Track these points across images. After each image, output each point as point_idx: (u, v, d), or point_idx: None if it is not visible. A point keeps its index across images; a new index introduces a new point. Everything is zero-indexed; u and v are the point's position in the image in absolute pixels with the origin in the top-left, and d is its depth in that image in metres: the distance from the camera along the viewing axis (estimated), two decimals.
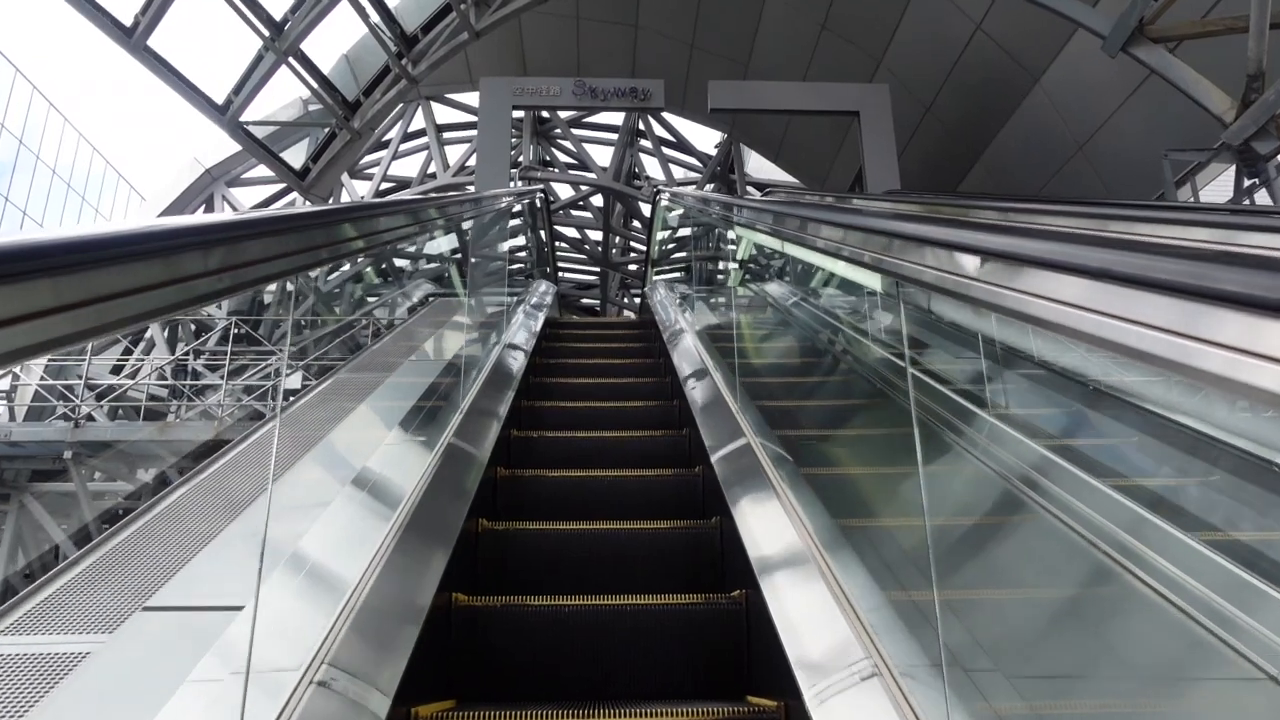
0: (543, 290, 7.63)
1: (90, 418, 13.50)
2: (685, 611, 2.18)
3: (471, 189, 13.61)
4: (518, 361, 4.37)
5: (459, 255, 5.22)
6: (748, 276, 5.18)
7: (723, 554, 2.56)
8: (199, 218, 1.32)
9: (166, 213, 14.91)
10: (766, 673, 1.95)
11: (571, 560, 2.58)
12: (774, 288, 5.01)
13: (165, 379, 13.19)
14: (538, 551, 2.61)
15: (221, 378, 12.10)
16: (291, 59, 12.69)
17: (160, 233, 1.03)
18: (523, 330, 5.24)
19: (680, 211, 9.01)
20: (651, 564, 2.60)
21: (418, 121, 17.54)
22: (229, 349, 12.23)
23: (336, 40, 18.68)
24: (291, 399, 3.38)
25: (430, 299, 5.91)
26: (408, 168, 18.81)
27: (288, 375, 11.84)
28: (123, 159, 41.12)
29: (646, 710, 1.82)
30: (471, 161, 15.30)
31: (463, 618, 2.12)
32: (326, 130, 14.21)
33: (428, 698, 1.83)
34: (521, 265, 8.25)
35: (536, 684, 2.14)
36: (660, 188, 8.71)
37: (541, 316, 6.72)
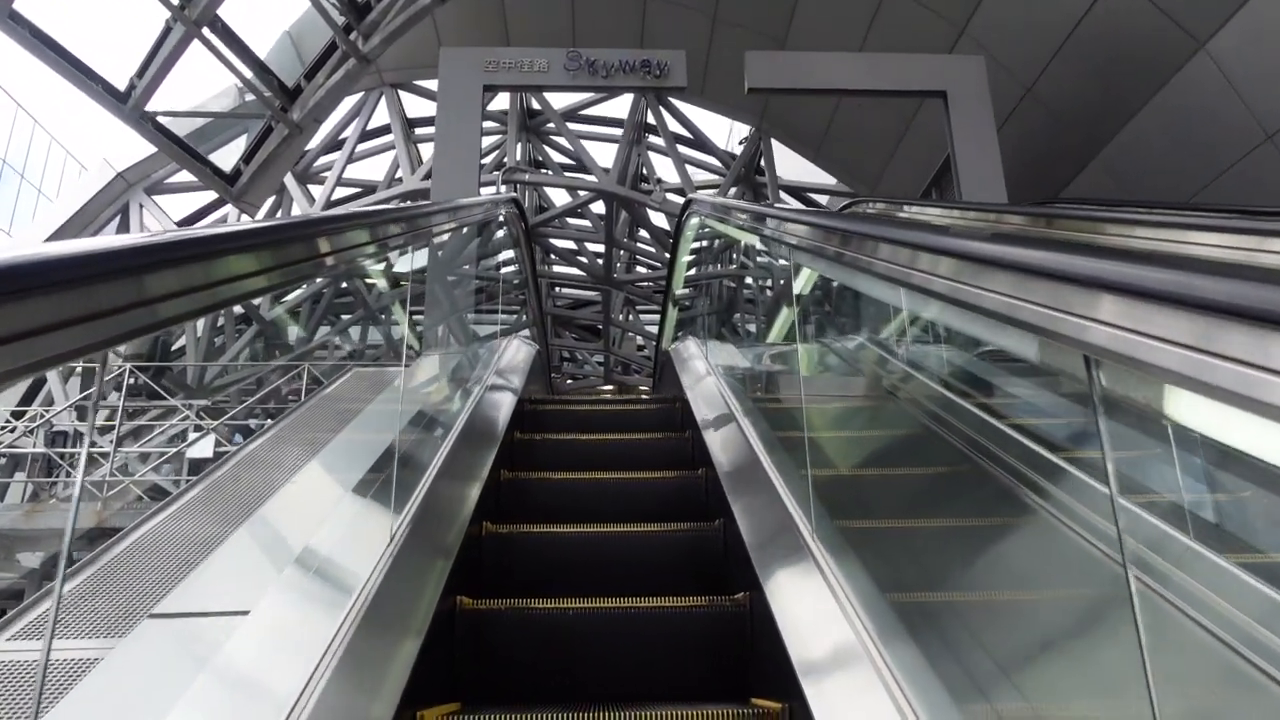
0: (509, 356, 4.78)
1: None
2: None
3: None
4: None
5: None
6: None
7: None
8: None
9: (66, 226, 12.06)
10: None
11: None
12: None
13: (50, 442, 10.36)
14: None
15: (112, 442, 9.29)
16: (208, 31, 9.89)
17: None
18: (460, 486, 2.38)
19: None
20: None
21: (383, 116, 14.67)
22: (120, 404, 9.36)
23: (279, 12, 15.77)
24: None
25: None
26: (375, 169, 15.94)
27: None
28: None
29: (652, 712, 1.78)
30: None
31: None
32: (262, 124, 11.43)
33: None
34: (484, 313, 5.41)
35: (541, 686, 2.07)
36: (691, 197, 5.87)
37: (507, 408, 3.89)
